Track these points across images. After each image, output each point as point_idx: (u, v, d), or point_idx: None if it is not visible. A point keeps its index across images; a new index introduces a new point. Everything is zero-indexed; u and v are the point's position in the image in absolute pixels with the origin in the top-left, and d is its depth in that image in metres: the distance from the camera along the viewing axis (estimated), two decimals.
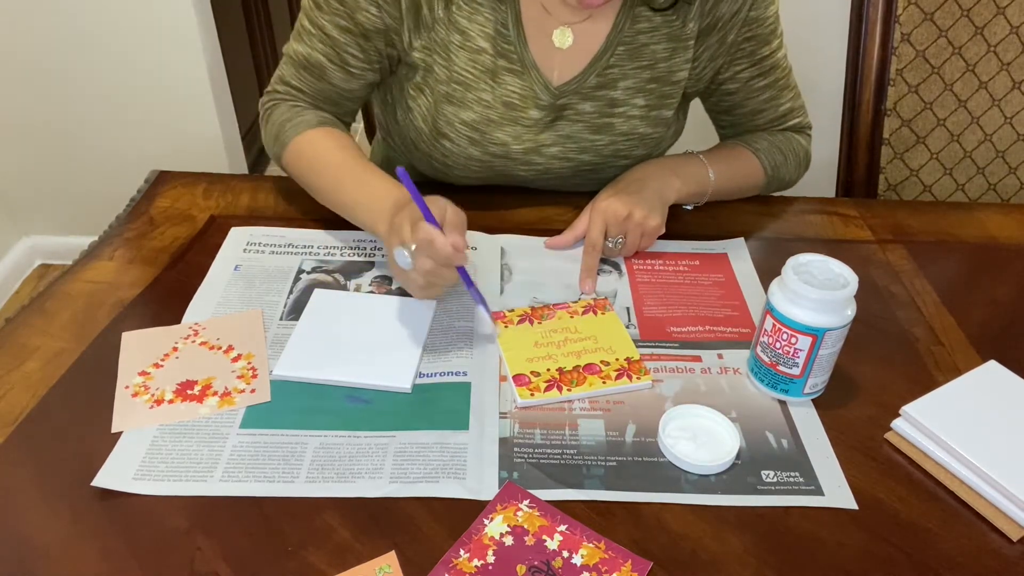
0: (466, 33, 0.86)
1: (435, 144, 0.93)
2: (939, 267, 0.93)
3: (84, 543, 0.58)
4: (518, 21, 0.87)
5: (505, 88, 0.89)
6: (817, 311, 0.67)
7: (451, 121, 0.90)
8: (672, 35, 0.89)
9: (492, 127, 0.90)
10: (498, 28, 0.86)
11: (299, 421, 0.68)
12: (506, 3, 0.86)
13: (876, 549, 0.60)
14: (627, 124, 0.93)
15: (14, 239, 2.16)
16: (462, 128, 0.91)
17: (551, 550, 0.58)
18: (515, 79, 0.89)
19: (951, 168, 1.28)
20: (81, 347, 0.75)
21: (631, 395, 0.73)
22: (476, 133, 0.91)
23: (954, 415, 0.67)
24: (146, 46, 1.83)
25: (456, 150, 0.92)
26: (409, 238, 0.71)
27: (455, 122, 0.90)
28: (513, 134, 0.91)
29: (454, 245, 0.70)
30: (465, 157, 0.93)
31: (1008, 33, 1.18)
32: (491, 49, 0.87)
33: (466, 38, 0.87)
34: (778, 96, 0.99)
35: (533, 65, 0.89)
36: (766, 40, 0.93)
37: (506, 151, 0.92)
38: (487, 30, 0.86)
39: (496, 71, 0.88)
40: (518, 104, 0.90)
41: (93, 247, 0.90)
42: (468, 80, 0.88)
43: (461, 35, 0.86)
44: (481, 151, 0.92)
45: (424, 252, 0.70)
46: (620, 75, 0.90)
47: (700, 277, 0.89)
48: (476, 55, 0.87)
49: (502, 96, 0.89)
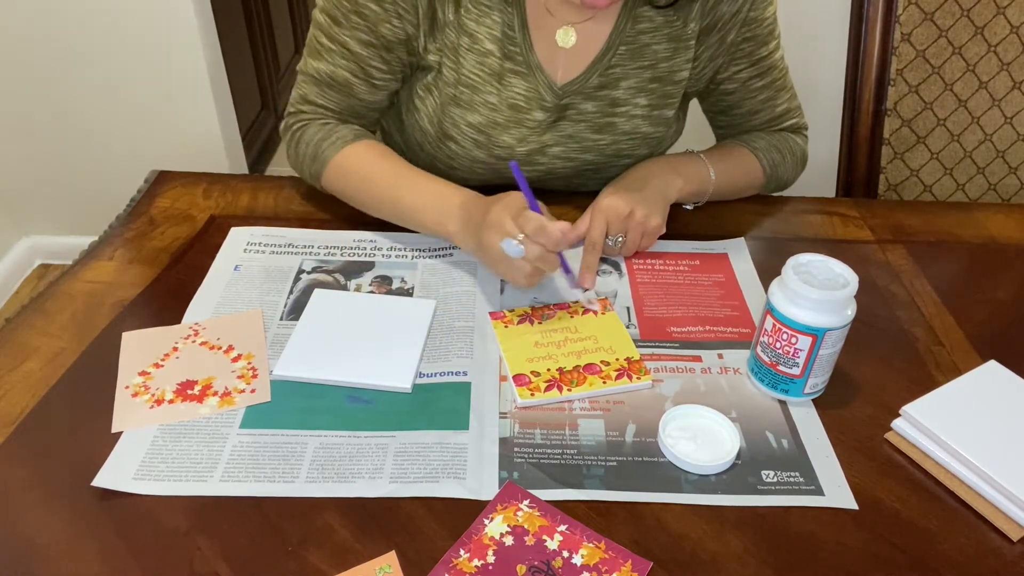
0: (474, 36, 0.86)
1: (441, 146, 0.93)
2: (939, 267, 0.93)
3: (84, 543, 0.58)
4: (524, 24, 0.87)
5: (511, 91, 0.89)
6: (817, 311, 0.67)
7: (457, 123, 0.90)
8: (673, 35, 0.89)
9: (498, 130, 0.90)
10: (505, 31, 0.87)
11: (299, 421, 0.68)
12: (512, 5, 0.86)
13: (876, 549, 0.60)
14: (629, 123, 0.93)
15: (14, 239, 2.16)
16: (468, 131, 0.91)
17: (551, 550, 0.58)
18: (520, 81, 0.89)
19: (951, 168, 1.28)
20: (81, 347, 0.75)
21: (631, 395, 0.73)
22: (482, 136, 0.91)
23: (954, 415, 0.67)
24: (146, 46, 1.83)
25: (462, 152, 0.93)
26: (514, 229, 0.74)
27: (461, 124, 0.90)
28: (518, 136, 0.91)
29: (562, 230, 0.73)
30: (470, 159, 0.93)
31: (1008, 33, 1.18)
32: (498, 52, 0.87)
33: (474, 41, 0.87)
34: (775, 97, 0.99)
35: (538, 67, 0.89)
36: (764, 41, 0.93)
37: (511, 154, 0.92)
38: (495, 33, 0.86)
39: (502, 74, 0.88)
40: (523, 106, 0.90)
41: (93, 247, 0.90)
42: (475, 83, 0.88)
43: (469, 38, 0.86)
44: (486, 153, 0.92)
45: (536, 239, 0.73)
46: (622, 75, 0.90)
47: (700, 277, 0.89)
48: (484, 58, 0.87)
49: (508, 99, 0.89)
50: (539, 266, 0.75)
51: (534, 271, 0.76)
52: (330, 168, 0.91)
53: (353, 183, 0.91)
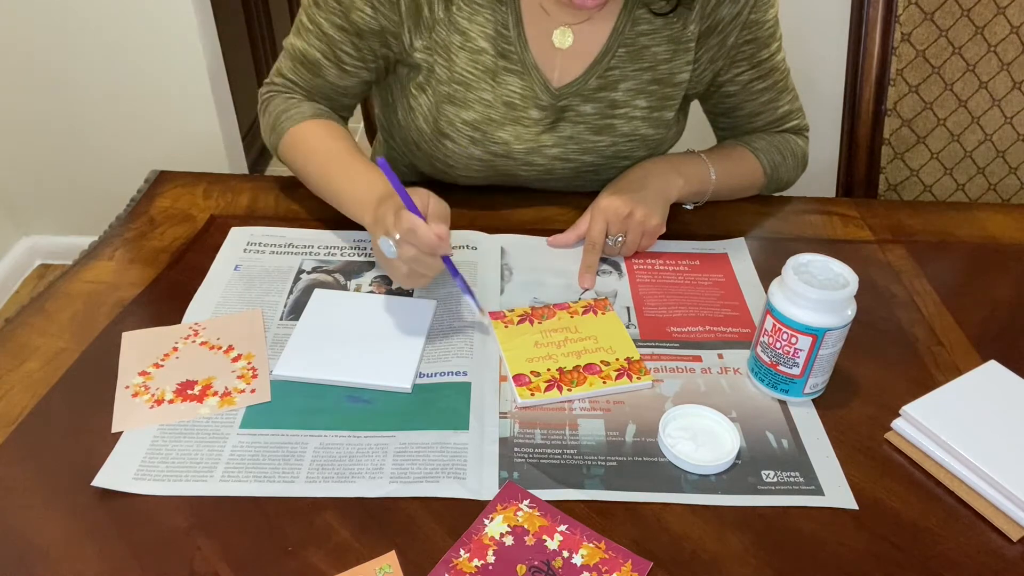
0: (466, 34, 0.87)
1: (437, 144, 0.93)
2: (939, 267, 0.93)
3: (84, 543, 0.58)
4: (519, 22, 0.87)
5: (506, 88, 0.89)
6: (817, 311, 0.67)
7: (452, 121, 0.90)
8: (673, 37, 0.89)
9: (493, 126, 0.90)
10: (498, 29, 0.87)
11: (299, 421, 0.68)
12: (506, 4, 0.86)
13: (876, 549, 0.60)
14: (629, 125, 0.93)
15: (14, 239, 2.16)
16: (463, 128, 0.91)
17: (551, 550, 0.58)
18: (516, 79, 0.89)
19: (951, 168, 1.28)
20: (81, 347, 0.75)
21: (631, 395, 0.73)
22: (478, 133, 0.91)
23: (954, 415, 0.67)
24: (146, 46, 1.83)
25: (458, 150, 0.93)
26: (393, 227, 0.72)
27: (456, 122, 0.90)
28: (514, 133, 0.91)
29: (437, 234, 0.71)
30: (467, 157, 0.93)
31: (1008, 33, 1.18)
32: (491, 49, 0.87)
33: (466, 39, 0.87)
34: (776, 99, 0.99)
35: (534, 66, 0.89)
36: (766, 43, 0.93)
37: (508, 150, 0.92)
38: (487, 31, 0.86)
39: (497, 71, 0.88)
40: (519, 104, 0.90)
41: (93, 247, 0.90)
42: (469, 80, 0.88)
43: (461, 35, 0.87)
44: (483, 150, 0.92)
45: (408, 240, 0.72)
46: (621, 77, 0.90)
47: (700, 277, 0.89)
48: (477, 55, 0.87)
49: (503, 96, 0.89)
50: (415, 268, 0.73)
51: (411, 272, 0.74)
52: (284, 140, 0.93)
53: (300, 157, 0.93)
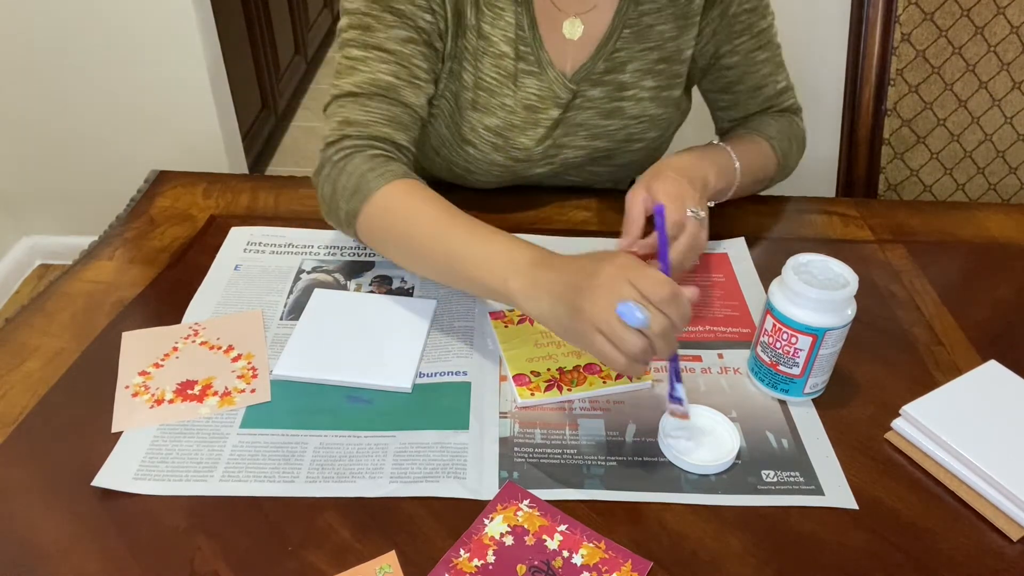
0: (489, 39, 0.87)
1: (458, 150, 0.93)
2: (939, 267, 0.93)
3: (84, 543, 0.58)
4: (533, 21, 0.87)
5: (525, 91, 0.89)
6: (817, 311, 0.67)
7: (475, 127, 0.90)
8: (679, 13, 0.89)
9: (515, 132, 0.90)
10: (517, 31, 0.87)
11: (299, 421, 0.68)
12: (521, 5, 0.86)
13: (876, 549, 0.60)
14: (637, 107, 0.93)
15: (14, 239, 2.16)
16: (486, 134, 0.90)
17: (551, 550, 0.58)
18: (533, 80, 0.89)
19: (951, 168, 1.28)
20: (81, 347, 0.75)
21: (631, 395, 0.73)
22: (499, 139, 0.91)
23: (954, 415, 0.67)
24: (146, 46, 1.83)
25: (480, 156, 0.92)
26: (635, 294, 0.60)
27: (479, 128, 0.90)
28: (535, 137, 0.91)
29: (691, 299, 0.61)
30: (488, 163, 0.93)
31: (1008, 33, 1.18)
32: (512, 53, 0.87)
33: (489, 44, 0.87)
34: (775, 72, 0.98)
35: (549, 63, 0.89)
36: (763, 14, 0.94)
37: (528, 155, 0.92)
38: (508, 34, 0.87)
39: (516, 74, 0.88)
40: (538, 106, 0.90)
41: (93, 247, 0.90)
42: (492, 86, 0.89)
43: (485, 41, 0.87)
44: (504, 156, 0.92)
45: (664, 309, 0.60)
46: (627, 58, 0.91)
47: (700, 277, 0.89)
48: (499, 60, 0.87)
49: (523, 100, 0.89)
50: (658, 343, 0.61)
51: (646, 350, 0.61)
52: (372, 203, 0.77)
53: (396, 223, 0.77)
